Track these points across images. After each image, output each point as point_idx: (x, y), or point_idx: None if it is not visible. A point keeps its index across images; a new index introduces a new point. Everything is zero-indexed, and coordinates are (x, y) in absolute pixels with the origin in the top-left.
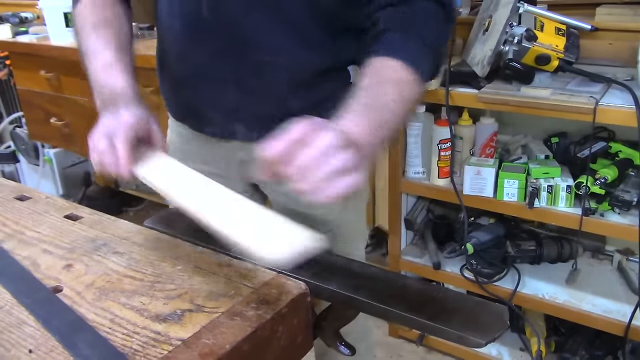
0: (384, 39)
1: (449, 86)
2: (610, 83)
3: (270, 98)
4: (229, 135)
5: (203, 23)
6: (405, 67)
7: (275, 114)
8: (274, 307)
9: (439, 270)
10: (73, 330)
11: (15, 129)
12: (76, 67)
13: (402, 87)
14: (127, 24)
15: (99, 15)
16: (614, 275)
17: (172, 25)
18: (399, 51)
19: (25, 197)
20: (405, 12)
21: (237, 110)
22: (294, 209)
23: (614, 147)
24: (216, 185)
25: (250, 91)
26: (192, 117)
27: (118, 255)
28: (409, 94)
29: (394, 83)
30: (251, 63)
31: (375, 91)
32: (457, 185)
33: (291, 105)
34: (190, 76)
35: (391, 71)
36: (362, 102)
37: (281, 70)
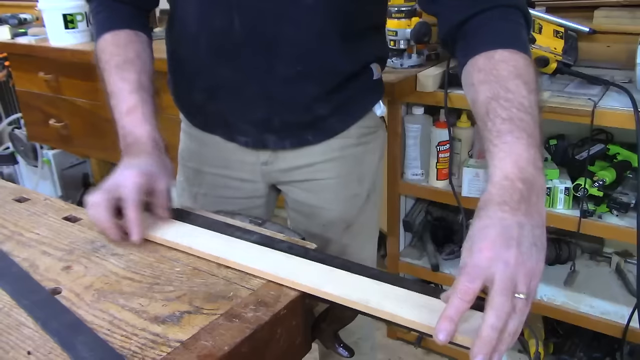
0: (478, 33)
1: (447, 88)
2: (608, 85)
3: (301, 107)
4: (261, 145)
5: (234, 37)
6: (515, 52)
7: (305, 120)
8: (273, 309)
9: (437, 272)
10: (72, 332)
11: (14, 130)
12: (75, 68)
13: (525, 78)
14: (149, 60)
15: (122, 56)
16: (612, 277)
17: (197, 42)
18: (502, 39)
19: (24, 199)
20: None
21: (268, 121)
22: (312, 204)
23: (612, 149)
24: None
25: (281, 103)
26: (223, 129)
27: (117, 257)
28: (531, 79)
29: (515, 76)
30: (282, 74)
31: (504, 99)
32: (455, 187)
33: (320, 110)
34: (220, 90)
35: (505, 65)
36: (506, 136)
37: (311, 78)
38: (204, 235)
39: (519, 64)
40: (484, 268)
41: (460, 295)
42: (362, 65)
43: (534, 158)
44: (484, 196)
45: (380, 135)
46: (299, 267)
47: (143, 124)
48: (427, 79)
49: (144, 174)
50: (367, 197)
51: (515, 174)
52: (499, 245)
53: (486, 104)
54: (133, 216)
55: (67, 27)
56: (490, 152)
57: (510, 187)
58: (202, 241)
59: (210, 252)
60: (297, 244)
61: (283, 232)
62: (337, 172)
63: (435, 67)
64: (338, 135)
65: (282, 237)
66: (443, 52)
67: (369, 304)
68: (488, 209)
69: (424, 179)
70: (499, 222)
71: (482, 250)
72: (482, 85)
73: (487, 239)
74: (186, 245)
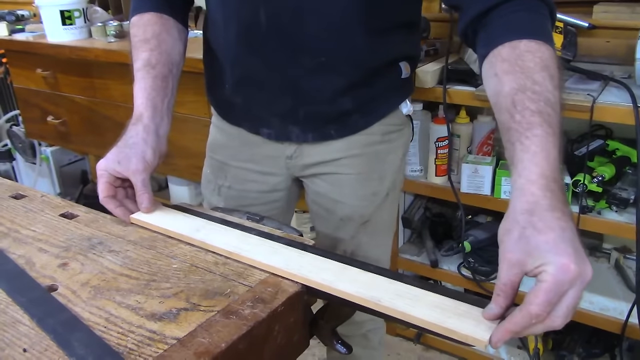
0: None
1: (446, 84)
2: (607, 81)
3: (325, 99)
4: (285, 138)
5: (260, 30)
6: (542, 44)
7: (329, 114)
8: (270, 305)
9: (436, 269)
10: (68, 329)
11: (12, 127)
12: (72, 65)
13: (551, 71)
14: (170, 39)
15: (140, 36)
16: (611, 273)
17: (227, 34)
18: (527, 29)
19: (21, 196)
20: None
21: (292, 114)
22: (331, 197)
23: (611, 145)
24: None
25: (305, 94)
26: (249, 121)
27: (114, 254)
28: (557, 73)
29: (541, 68)
30: (306, 67)
31: (531, 91)
32: (454, 183)
33: (344, 104)
34: (246, 82)
35: (531, 56)
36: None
37: (335, 71)
38: (212, 228)
39: (545, 55)
40: (567, 283)
41: (533, 316)
42: (389, 62)
43: (559, 157)
44: (527, 197)
45: (405, 133)
46: (312, 263)
47: (137, 99)
48: (426, 74)
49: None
50: (386, 195)
51: (549, 173)
52: (578, 262)
53: (512, 95)
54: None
55: (65, 24)
56: (522, 144)
57: (548, 188)
58: (212, 234)
59: (221, 246)
60: (296, 240)
61: (281, 228)
62: (358, 168)
63: (434, 63)
64: (362, 132)
65: (280, 233)
66: (442, 48)
67: (381, 302)
68: (544, 217)
69: (423, 175)
70: (565, 235)
71: (567, 271)
72: (507, 76)
73: (565, 254)
74: (199, 240)
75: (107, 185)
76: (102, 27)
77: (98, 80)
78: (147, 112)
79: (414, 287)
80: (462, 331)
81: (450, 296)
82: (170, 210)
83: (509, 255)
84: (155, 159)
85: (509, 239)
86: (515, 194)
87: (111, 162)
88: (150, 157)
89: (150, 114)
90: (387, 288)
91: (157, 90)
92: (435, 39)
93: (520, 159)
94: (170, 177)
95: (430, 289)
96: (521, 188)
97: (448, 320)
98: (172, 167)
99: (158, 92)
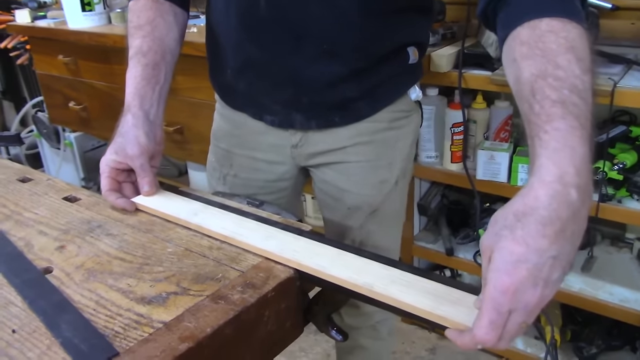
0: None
1: (462, 68)
2: (630, 64)
3: (328, 86)
4: (288, 125)
5: (261, 16)
6: (567, 22)
7: (333, 101)
8: (260, 291)
9: (451, 257)
10: (58, 312)
11: (37, 113)
12: (93, 51)
13: (579, 53)
14: (164, 25)
15: (134, 22)
16: (634, 264)
17: (228, 19)
18: (549, 5)
19: (28, 179)
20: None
21: (295, 101)
22: (338, 186)
23: (635, 131)
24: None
25: (307, 81)
26: (252, 107)
27: (111, 237)
28: (586, 56)
29: (566, 49)
30: (308, 53)
31: (553, 77)
32: (470, 170)
33: (348, 92)
34: (249, 68)
35: (554, 37)
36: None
37: (338, 58)
38: (210, 212)
39: (571, 35)
40: (505, 305)
41: (479, 341)
42: (395, 48)
43: (588, 156)
44: (529, 199)
45: (414, 119)
46: (307, 247)
47: (127, 88)
48: (441, 58)
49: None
50: (395, 183)
51: (571, 177)
52: (525, 286)
53: (531, 82)
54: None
55: (84, 10)
56: (540, 139)
57: (564, 197)
58: (209, 219)
59: (217, 231)
60: (293, 225)
61: (280, 213)
62: (366, 156)
63: (450, 47)
64: (368, 119)
65: (278, 218)
66: (459, 31)
67: (374, 289)
68: (528, 226)
69: (438, 162)
70: (533, 256)
71: (506, 292)
72: (526, 61)
73: (514, 276)
74: (196, 224)
75: (108, 180)
76: (121, 13)
77: (117, 67)
78: (135, 101)
79: (407, 273)
80: (454, 319)
81: (444, 283)
82: (171, 194)
83: (484, 242)
84: (149, 142)
85: (490, 227)
86: (522, 191)
87: (109, 156)
88: (144, 140)
89: (138, 103)
90: (381, 274)
91: (147, 78)
92: (452, 22)
93: (538, 155)
94: (190, 162)
95: (424, 275)
96: (530, 187)
97: (440, 307)
98: (188, 152)
99: (149, 81)
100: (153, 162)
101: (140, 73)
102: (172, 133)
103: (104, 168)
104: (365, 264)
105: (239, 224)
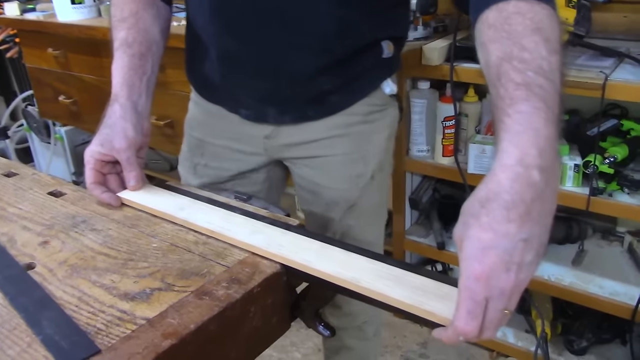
0: None
1: (454, 61)
2: (622, 57)
3: (300, 79)
4: (262, 119)
5: (235, 7)
6: (535, 3)
7: (307, 95)
8: (245, 286)
9: (443, 251)
10: (39, 308)
11: (27, 107)
12: (82, 44)
13: (547, 34)
14: (148, 17)
15: (118, 16)
16: (624, 258)
17: (202, 11)
18: None
19: (13, 174)
20: None
21: (269, 95)
22: (315, 181)
23: (626, 125)
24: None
25: (279, 74)
26: (228, 101)
27: (95, 233)
28: (554, 37)
29: (532, 31)
30: (279, 45)
31: (518, 59)
32: (461, 164)
33: (323, 84)
34: (223, 61)
35: (520, 19)
36: (510, 94)
37: (309, 51)
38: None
39: (538, 16)
40: (480, 293)
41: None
42: (369, 42)
43: (553, 137)
44: (491, 184)
45: (390, 113)
46: (293, 242)
47: (114, 79)
48: (433, 51)
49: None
50: (371, 177)
51: (533, 159)
52: (497, 272)
53: (497, 65)
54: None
55: (74, 3)
56: (503, 123)
57: (526, 179)
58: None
59: (203, 225)
60: (280, 220)
61: (268, 208)
62: (341, 149)
63: (442, 40)
64: (342, 112)
65: (266, 213)
66: (451, 24)
67: (360, 283)
68: (493, 212)
69: (430, 156)
70: (502, 241)
71: (478, 279)
72: (493, 44)
73: (484, 263)
74: (182, 219)
75: (93, 172)
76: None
77: (107, 60)
78: (123, 91)
79: (394, 268)
80: (442, 314)
81: (432, 277)
82: (158, 189)
83: (455, 233)
84: (137, 134)
85: (460, 217)
86: (485, 178)
87: (94, 147)
88: (132, 133)
89: (126, 92)
90: (368, 268)
91: (134, 68)
92: (444, 15)
93: (501, 139)
94: None
95: (412, 269)
96: (492, 172)
97: (428, 303)
98: (179, 146)
99: (136, 71)
100: (140, 153)
101: (127, 63)
102: (163, 127)
103: (89, 159)
104: (351, 258)
105: (226, 218)
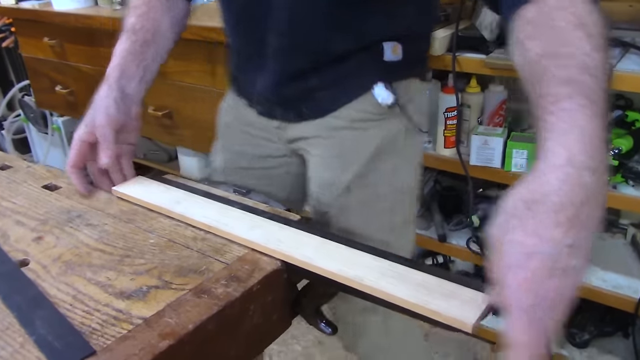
0: None
1: (456, 51)
2: (627, 47)
3: (292, 79)
4: (271, 115)
5: (237, 7)
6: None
7: (301, 94)
8: (245, 284)
9: (444, 243)
10: (32, 307)
11: (24, 97)
12: (79, 34)
13: (590, 29)
14: (159, 5)
15: (134, 2)
16: (627, 250)
17: (221, 6)
18: None
19: (7, 167)
20: None
21: (272, 93)
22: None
23: (631, 116)
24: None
25: (277, 72)
26: (245, 96)
27: (91, 228)
28: (597, 32)
29: (575, 26)
30: (273, 46)
31: (561, 56)
32: (463, 156)
33: (312, 81)
34: (238, 58)
35: (562, 14)
36: (553, 92)
37: (300, 52)
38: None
39: (580, 11)
40: (524, 300)
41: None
42: (365, 44)
43: (600, 135)
44: (538, 184)
45: (386, 126)
46: (293, 237)
47: (111, 62)
48: (434, 41)
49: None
50: (346, 188)
51: (582, 160)
52: (541, 278)
53: (537, 62)
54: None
55: None
56: (547, 122)
57: (576, 180)
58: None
59: (201, 220)
60: (280, 215)
61: (268, 202)
62: (319, 150)
63: (444, 29)
64: (330, 115)
65: (265, 207)
66: (453, 13)
67: (364, 282)
68: (540, 216)
69: (431, 147)
70: (546, 246)
71: (521, 286)
72: (532, 41)
73: (527, 268)
74: (179, 213)
75: (75, 154)
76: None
77: (104, 49)
78: (115, 73)
79: (398, 265)
80: (447, 314)
81: (436, 274)
82: (154, 182)
83: (492, 232)
84: (119, 114)
85: (498, 216)
86: (530, 177)
87: (80, 129)
88: (114, 110)
89: (117, 75)
90: (371, 265)
91: (133, 53)
92: (446, 4)
93: (545, 139)
94: (180, 148)
95: (415, 266)
96: (539, 172)
97: (433, 302)
98: (178, 137)
99: (135, 56)
100: (125, 137)
101: (127, 48)
102: (162, 117)
103: (75, 142)
104: (352, 254)
105: (224, 213)
